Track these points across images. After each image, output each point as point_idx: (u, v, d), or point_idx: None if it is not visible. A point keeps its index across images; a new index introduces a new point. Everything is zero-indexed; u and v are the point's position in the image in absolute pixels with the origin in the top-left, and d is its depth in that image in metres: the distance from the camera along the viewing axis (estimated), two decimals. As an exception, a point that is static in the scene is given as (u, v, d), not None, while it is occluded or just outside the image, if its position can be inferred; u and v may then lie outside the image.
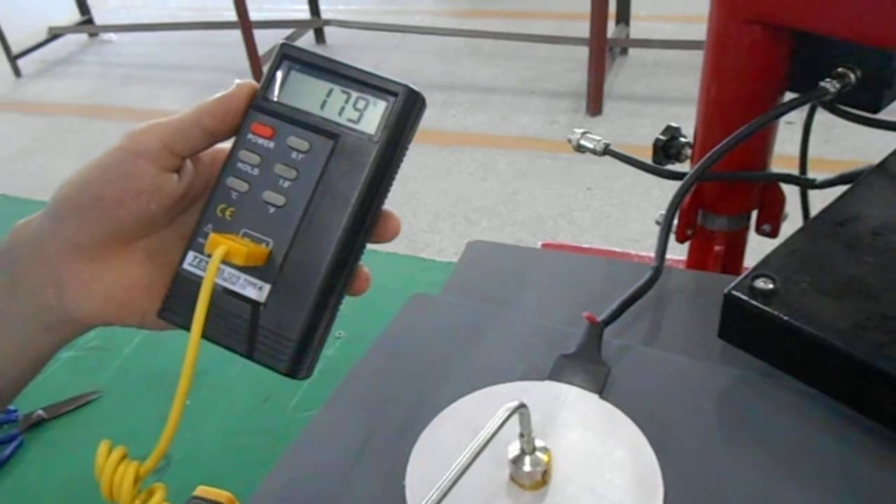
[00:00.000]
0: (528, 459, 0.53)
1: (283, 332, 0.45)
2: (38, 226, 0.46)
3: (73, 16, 4.76)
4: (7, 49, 4.29)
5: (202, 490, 0.88)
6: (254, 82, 0.47)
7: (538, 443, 0.54)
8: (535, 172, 3.08)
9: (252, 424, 1.02)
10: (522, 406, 0.50)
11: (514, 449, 0.54)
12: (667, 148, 0.89)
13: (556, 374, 0.62)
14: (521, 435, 0.52)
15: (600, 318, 0.66)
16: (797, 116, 0.83)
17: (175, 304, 0.47)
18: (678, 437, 0.59)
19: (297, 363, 0.46)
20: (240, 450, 0.98)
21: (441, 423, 0.58)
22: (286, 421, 1.01)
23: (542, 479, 0.53)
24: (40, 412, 1.05)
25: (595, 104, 3.44)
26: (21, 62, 4.39)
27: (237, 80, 0.47)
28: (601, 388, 0.61)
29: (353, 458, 0.60)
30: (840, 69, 0.73)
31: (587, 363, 0.63)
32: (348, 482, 0.58)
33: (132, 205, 0.45)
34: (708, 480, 0.56)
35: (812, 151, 0.86)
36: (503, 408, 0.49)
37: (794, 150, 0.88)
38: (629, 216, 2.74)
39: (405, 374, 0.67)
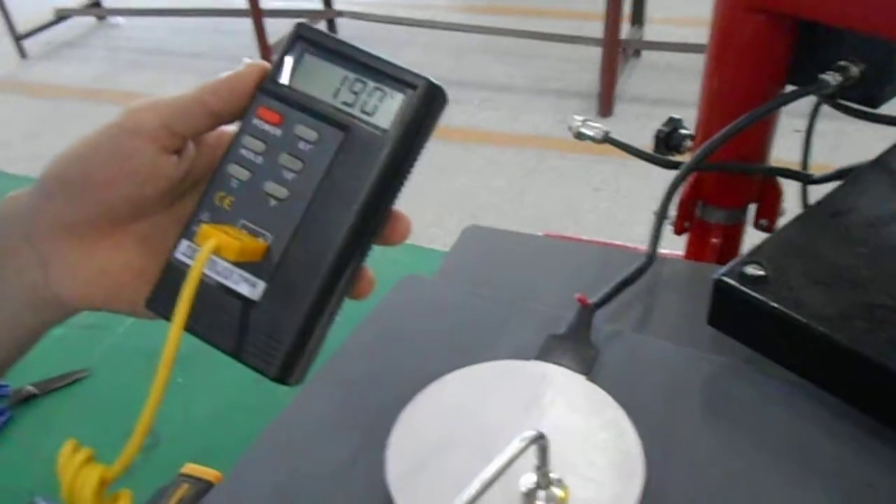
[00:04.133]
0: (542, 494, 0.49)
1: (275, 334, 0.42)
2: (27, 201, 0.44)
3: (81, -3, 4.76)
4: (12, 29, 4.28)
5: (190, 468, 0.89)
6: (265, 63, 0.44)
7: (554, 476, 0.50)
8: (543, 172, 3.08)
9: (243, 404, 1.01)
10: (541, 437, 0.47)
11: (526, 481, 0.50)
12: (668, 139, 0.89)
13: (544, 355, 0.62)
14: (537, 467, 0.49)
15: (591, 300, 0.66)
16: (805, 125, 0.83)
17: (163, 294, 0.43)
18: (662, 421, 0.58)
19: (288, 368, 0.43)
20: (229, 429, 0.98)
21: (425, 398, 0.58)
22: (277, 401, 1.00)
23: None
24: (30, 388, 1.05)
25: (606, 105, 3.44)
26: (26, 43, 4.38)
27: (247, 59, 0.44)
28: (589, 369, 0.61)
29: (335, 431, 0.60)
30: (842, 62, 0.72)
31: (576, 344, 0.63)
32: (329, 454, 0.58)
33: (125, 186, 0.42)
34: (689, 464, 0.55)
35: (821, 157, 0.85)
36: (520, 437, 0.46)
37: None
38: (635, 218, 2.73)
39: (392, 352, 0.67)
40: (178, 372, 1.12)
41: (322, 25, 4.32)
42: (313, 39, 0.44)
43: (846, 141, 2.82)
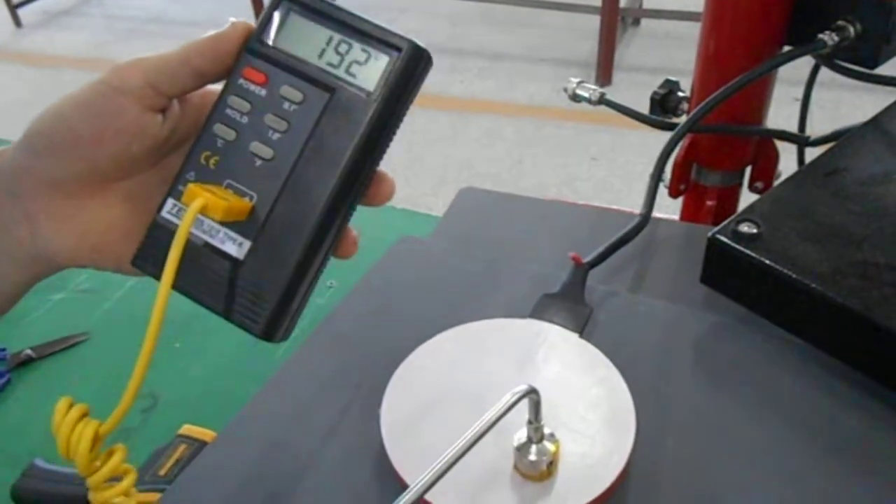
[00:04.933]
0: (534, 448, 0.49)
1: (260, 292, 0.43)
2: (11, 157, 0.44)
3: (76, -35, 4.71)
4: (7, -2, 4.24)
5: (188, 429, 0.89)
6: (249, 23, 0.44)
7: (546, 431, 0.50)
8: (540, 141, 3.08)
9: (240, 368, 1.02)
10: (532, 391, 0.46)
11: (520, 436, 0.50)
12: (664, 102, 0.89)
13: (538, 313, 0.62)
14: (529, 422, 0.49)
15: (586, 259, 0.66)
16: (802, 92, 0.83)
17: (149, 252, 0.44)
18: (654, 378, 0.59)
19: (274, 326, 0.43)
20: (226, 392, 0.99)
21: (420, 355, 0.58)
22: (274, 365, 1.01)
23: (548, 470, 0.50)
24: (28, 351, 1.06)
25: (605, 74, 3.43)
26: (21, 12, 4.34)
27: (231, 19, 0.44)
28: (582, 327, 0.61)
29: (330, 389, 0.60)
30: (840, 22, 0.72)
31: (570, 303, 0.63)
32: (324, 412, 0.58)
33: (111, 144, 0.43)
34: (680, 420, 0.56)
35: (819, 127, 0.85)
36: (511, 392, 0.46)
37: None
38: (632, 187, 2.73)
39: (387, 313, 0.67)
40: (176, 336, 1.12)
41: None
42: None
43: (845, 111, 2.82)
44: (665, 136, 0.77)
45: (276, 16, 0.44)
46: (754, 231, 0.59)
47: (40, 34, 4.30)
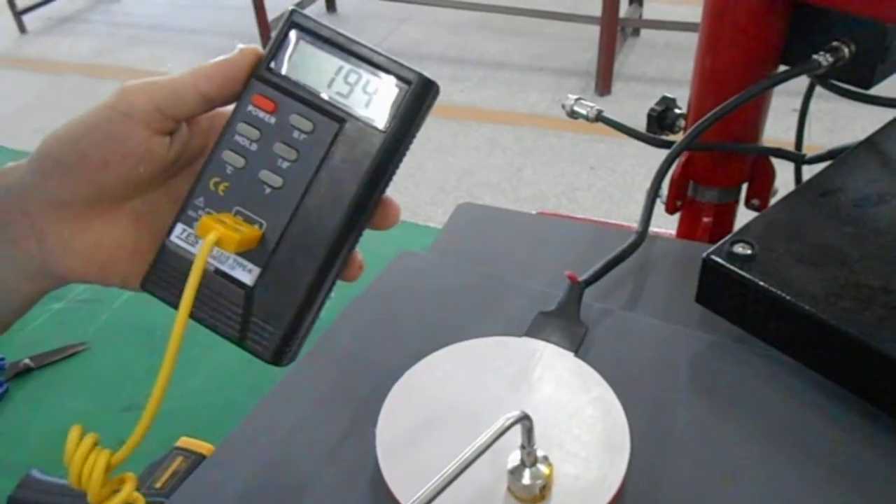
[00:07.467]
0: (527, 472, 0.50)
1: (270, 319, 0.43)
2: (20, 176, 0.44)
3: (81, -28, 4.74)
4: (12, 4, 4.26)
5: (185, 441, 0.89)
6: (258, 49, 0.45)
7: (540, 454, 0.50)
8: (540, 150, 3.08)
9: (238, 380, 1.02)
10: (525, 417, 0.47)
11: (513, 459, 0.50)
12: (661, 119, 0.89)
13: (533, 331, 0.63)
14: (522, 446, 0.49)
15: (581, 278, 0.66)
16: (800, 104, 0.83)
17: (159, 276, 0.45)
18: (649, 398, 0.59)
19: (282, 352, 0.44)
20: (224, 404, 0.99)
21: (416, 374, 0.58)
22: (273, 378, 1.01)
23: (541, 493, 0.50)
24: (27, 361, 1.06)
25: (604, 84, 3.44)
26: (26, 18, 4.37)
27: (240, 45, 0.45)
28: (577, 346, 0.61)
29: (326, 406, 0.60)
30: (834, 43, 0.72)
31: (565, 321, 0.63)
32: (319, 429, 0.58)
33: (118, 167, 0.43)
34: (676, 441, 0.56)
35: (817, 140, 0.86)
36: (504, 417, 0.46)
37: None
38: (631, 197, 2.73)
39: (386, 328, 0.67)
40: (174, 347, 1.11)
41: (321, 2, 4.30)
42: (307, 27, 0.44)
43: (842, 123, 2.82)
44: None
45: (286, 44, 0.44)
46: (749, 252, 0.59)
47: (45, 40, 4.31)
